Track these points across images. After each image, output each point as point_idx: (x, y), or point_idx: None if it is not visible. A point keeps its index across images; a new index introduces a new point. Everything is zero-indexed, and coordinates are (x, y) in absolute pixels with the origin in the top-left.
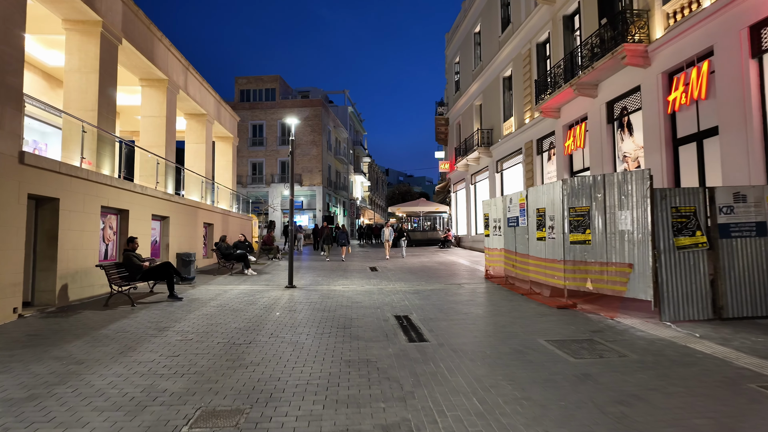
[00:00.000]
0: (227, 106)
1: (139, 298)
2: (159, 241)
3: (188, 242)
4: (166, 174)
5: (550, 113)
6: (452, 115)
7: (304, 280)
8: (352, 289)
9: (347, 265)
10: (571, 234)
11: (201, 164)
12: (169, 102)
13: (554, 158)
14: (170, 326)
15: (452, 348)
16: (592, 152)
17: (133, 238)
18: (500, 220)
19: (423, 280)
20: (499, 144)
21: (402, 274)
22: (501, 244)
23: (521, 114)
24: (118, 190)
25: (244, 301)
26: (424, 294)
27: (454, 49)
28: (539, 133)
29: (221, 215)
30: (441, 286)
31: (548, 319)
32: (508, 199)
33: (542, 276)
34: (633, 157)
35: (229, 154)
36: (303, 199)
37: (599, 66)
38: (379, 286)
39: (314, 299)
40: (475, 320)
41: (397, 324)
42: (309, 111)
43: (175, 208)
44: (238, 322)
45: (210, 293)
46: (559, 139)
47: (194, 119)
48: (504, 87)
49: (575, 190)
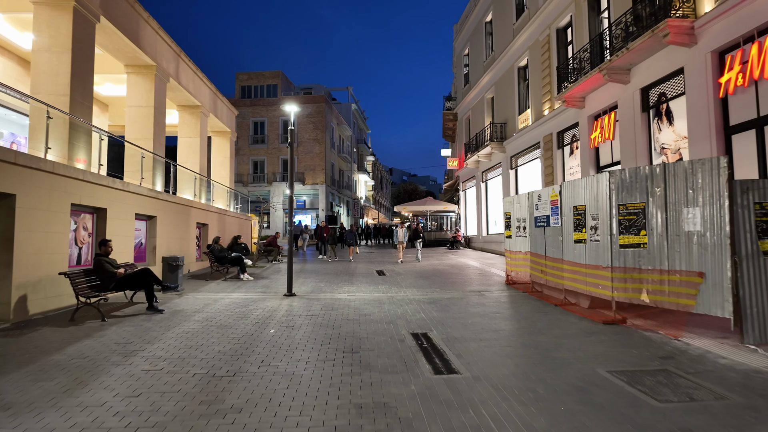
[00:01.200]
0: (224, 99)
1: (114, 310)
2: (145, 243)
3: (179, 244)
4: (154, 169)
5: (574, 103)
6: (461, 110)
7: (306, 286)
8: (359, 298)
9: (353, 268)
10: (621, 236)
11: (195, 160)
12: (158, 91)
13: (577, 152)
14: (140, 349)
15: (492, 383)
16: (623, 144)
17: (105, 241)
18: (525, 219)
19: (437, 287)
20: (513, 138)
21: (413, 279)
22: (526, 247)
23: (539, 105)
24: (93, 185)
25: (234, 314)
26: (441, 304)
27: (463, 41)
28: (560, 126)
29: (217, 215)
30: (459, 294)
31: (598, 338)
32: (535, 195)
33: (581, 285)
34: (673, 148)
35: (227, 149)
36: (306, 199)
37: (636, 47)
38: (389, 294)
39: (316, 311)
40: (509, 340)
41: (415, 345)
42: (312, 107)
43: (163, 206)
44: (223, 342)
45: (197, 303)
46: (584, 131)
47: (188, 112)
48: (519, 77)
49: (626, 183)
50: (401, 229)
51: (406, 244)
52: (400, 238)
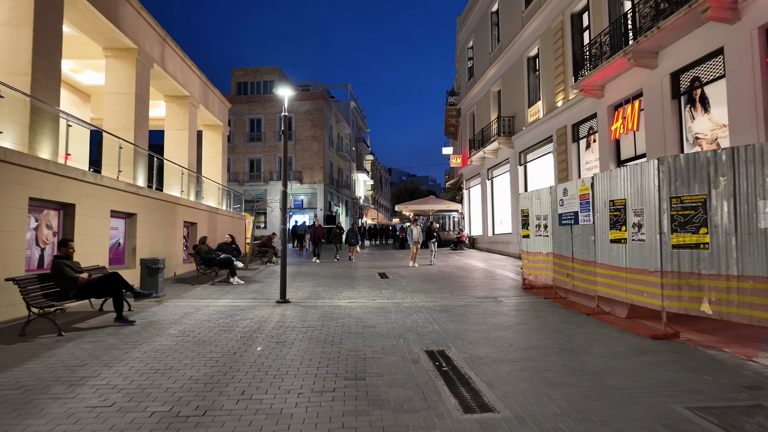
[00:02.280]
0: (216, 91)
1: (77, 321)
2: (124, 243)
3: (163, 244)
4: (136, 163)
5: (593, 92)
6: (465, 105)
7: (301, 291)
8: (360, 305)
9: (353, 271)
10: (674, 234)
11: (183, 154)
12: (140, 77)
13: (595, 145)
14: (93, 375)
15: (543, 428)
16: (649, 135)
17: (66, 241)
18: (546, 217)
19: (446, 292)
20: (523, 133)
21: (419, 283)
22: (548, 248)
23: (551, 97)
24: (58, 178)
25: (217, 326)
26: (455, 313)
27: (467, 33)
28: (575, 117)
29: (207, 213)
30: (472, 300)
31: (655, 359)
32: (559, 190)
33: (619, 291)
34: (709, 138)
35: (219, 144)
36: (303, 198)
37: (668, 25)
38: (395, 301)
39: (312, 321)
40: (547, 361)
41: (433, 368)
42: (309, 104)
43: (145, 203)
44: (198, 365)
45: (177, 312)
46: (603, 123)
47: (175, 102)
48: (528, 68)
49: (680, 171)
50: (416, 228)
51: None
52: (415, 237)
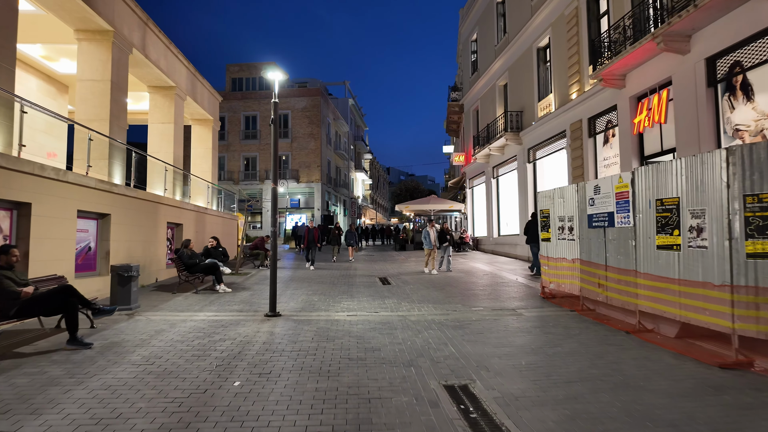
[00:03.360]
0: (206, 82)
1: (22, 343)
2: (95, 247)
3: (143, 248)
4: (112, 158)
5: (613, 82)
6: (468, 101)
7: (294, 301)
8: (362, 319)
9: (352, 275)
10: (749, 241)
11: (168, 149)
12: (117, 62)
13: (614, 140)
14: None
15: None
16: (680, 127)
17: (7, 248)
18: (572, 218)
19: (457, 301)
20: (532, 128)
21: (424, 291)
22: (573, 253)
23: (564, 89)
24: (8, 172)
25: (191, 350)
26: (472, 329)
27: (470, 26)
28: (592, 110)
29: (194, 213)
30: (488, 312)
31: (739, 401)
32: (588, 187)
33: (670, 307)
34: (753, 129)
35: (209, 140)
36: (300, 198)
37: (706, 3)
38: (400, 313)
39: (305, 342)
40: (601, 403)
41: (458, 415)
42: (306, 101)
43: (120, 202)
44: (156, 410)
45: (148, 330)
46: (624, 115)
47: (160, 93)
48: (538, 60)
49: (759, 163)
50: (432, 229)
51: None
52: (432, 240)
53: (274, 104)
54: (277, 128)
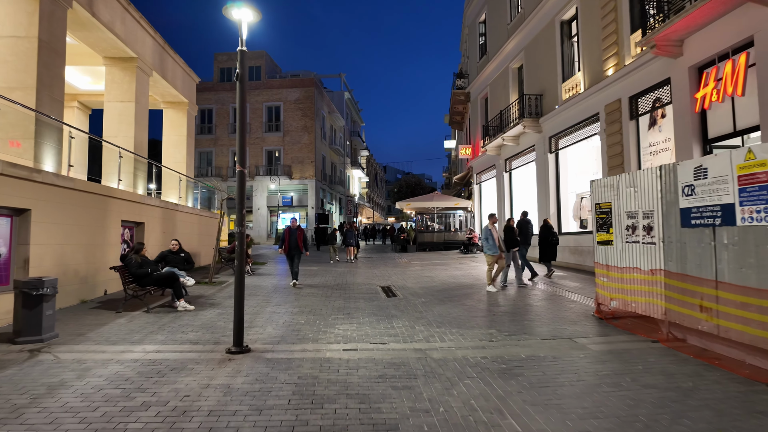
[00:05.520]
0: (179, 59)
1: None
2: (7, 254)
3: (86, 253)
4: (38, 137)
5: (668, 49)
6: (475, 89)
7: (273, 324)
8: (364, 357)
9: (349, 282)
10: None
11: (128, 133)
12: (49, 16)
13: (663, 121)
14: None
15: None
16: (765, 100)
17: None
18: (650, 214)
19: (485, 322)
20: (555, 113)
21: (440, 306)
22: (653, 261)
23: (596, 65)
24: None
25: (90, 429)
26: (528, 378)
27: (477, 6)
28: (634, 87)
29: (161, 210)
30: (536, 342)
31: None
32: (683, 170)
33: None
34: None
35: (183, 126)
36: (293, 195)
37: None
38: (416, 344)
39: (277, 411)
40: None
41: None
42: (300, 92)
43: (47, 195)
44: None
45: (42, 381)
46: (681, 90)
47: (117, 66)
48: (562, 35)
49: None
50: (492, 227)
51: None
52: (495, 239)
53: (241, 53)
54: (245, 87)
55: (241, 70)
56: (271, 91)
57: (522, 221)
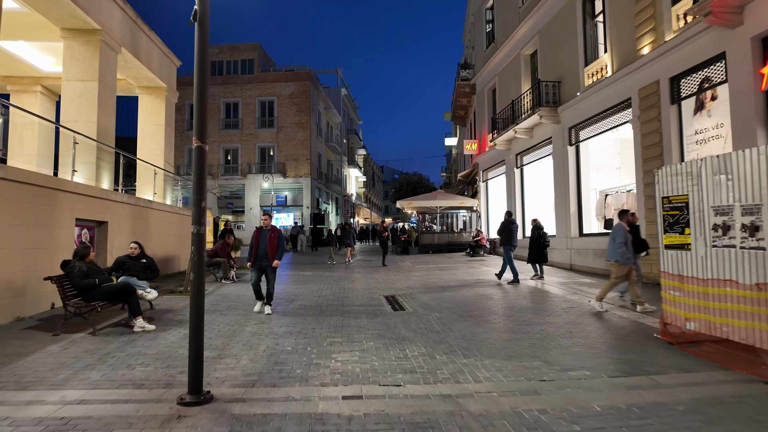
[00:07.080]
0: (156, 38)
1: None
2: None
3: (24, 259)
4: None
5: (726, 17)
6: (481, 80)
7: (250, 353)
8: (374, 411)
9: (347, 290)
10: None
11: (90, 117)
12: None
13: (714, 104)
14: None
15: None
16: None
17: None
18: (755, 210)
19: (525, 347)
20: (576, 101)
21: (460, 322)
22: (759, 274)
23: (628, 45)
24: None
25: None
26: None
27: None
28: (677, 66)
29: (130, 207)
30: (603, 384)
31: None
32: None
33: None
34: None
35: (161, 114)
36: (287, 194)
37: None
38: (442, 388)
39: None
40: None
41: None
42: (294, 86)
43: None
44: None
45: None
46: (740, 66)
47: (78, 40)
48: (584, 14)
49: None
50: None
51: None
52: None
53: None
54: (205, 32)
55: (200, 7)
56: (265, 85)
57: (507, 221)
